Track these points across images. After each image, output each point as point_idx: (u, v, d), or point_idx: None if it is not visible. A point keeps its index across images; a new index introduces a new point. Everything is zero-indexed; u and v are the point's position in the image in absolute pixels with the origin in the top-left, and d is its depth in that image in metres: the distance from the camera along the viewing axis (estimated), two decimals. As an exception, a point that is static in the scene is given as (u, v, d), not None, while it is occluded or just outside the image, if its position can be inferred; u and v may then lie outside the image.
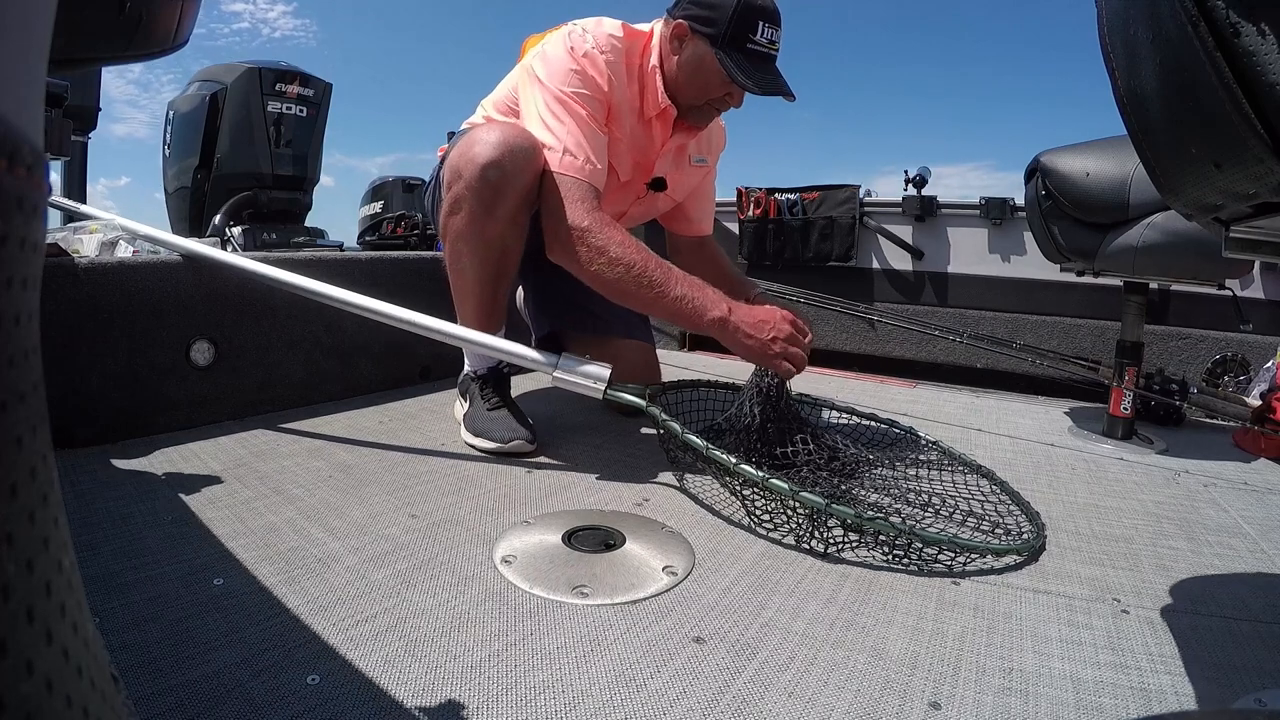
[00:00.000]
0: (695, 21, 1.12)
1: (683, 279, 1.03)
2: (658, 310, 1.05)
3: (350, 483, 0.95)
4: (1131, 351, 1.44)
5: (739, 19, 1.09)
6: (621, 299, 1.05)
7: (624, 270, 1.01)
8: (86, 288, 1.01)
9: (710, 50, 1.10)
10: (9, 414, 0.15)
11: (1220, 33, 0.34)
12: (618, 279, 1.02)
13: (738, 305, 1.04)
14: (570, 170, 1.05)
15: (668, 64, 1.17)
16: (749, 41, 1.10)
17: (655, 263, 1.03)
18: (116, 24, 0.77)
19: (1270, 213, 0.42)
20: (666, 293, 1.02)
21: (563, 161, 1.05)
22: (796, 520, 0.85)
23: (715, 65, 1.10)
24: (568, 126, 1.06)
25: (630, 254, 1.02)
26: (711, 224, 1.48)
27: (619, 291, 1.03)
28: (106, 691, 0.19)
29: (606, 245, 1.02)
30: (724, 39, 1.10)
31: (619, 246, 1.02)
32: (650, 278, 1.02)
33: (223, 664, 0.55)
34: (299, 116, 3.09)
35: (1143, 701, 0.58)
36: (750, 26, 1.09)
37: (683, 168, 1.33)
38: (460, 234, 1.09)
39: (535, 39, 1.26)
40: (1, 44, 0.15)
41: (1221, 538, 0.94)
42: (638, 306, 1.06)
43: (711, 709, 0.54)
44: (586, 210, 1.04)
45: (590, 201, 1.05)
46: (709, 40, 1.11)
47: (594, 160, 1.07)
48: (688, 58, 1.14)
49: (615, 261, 1.01)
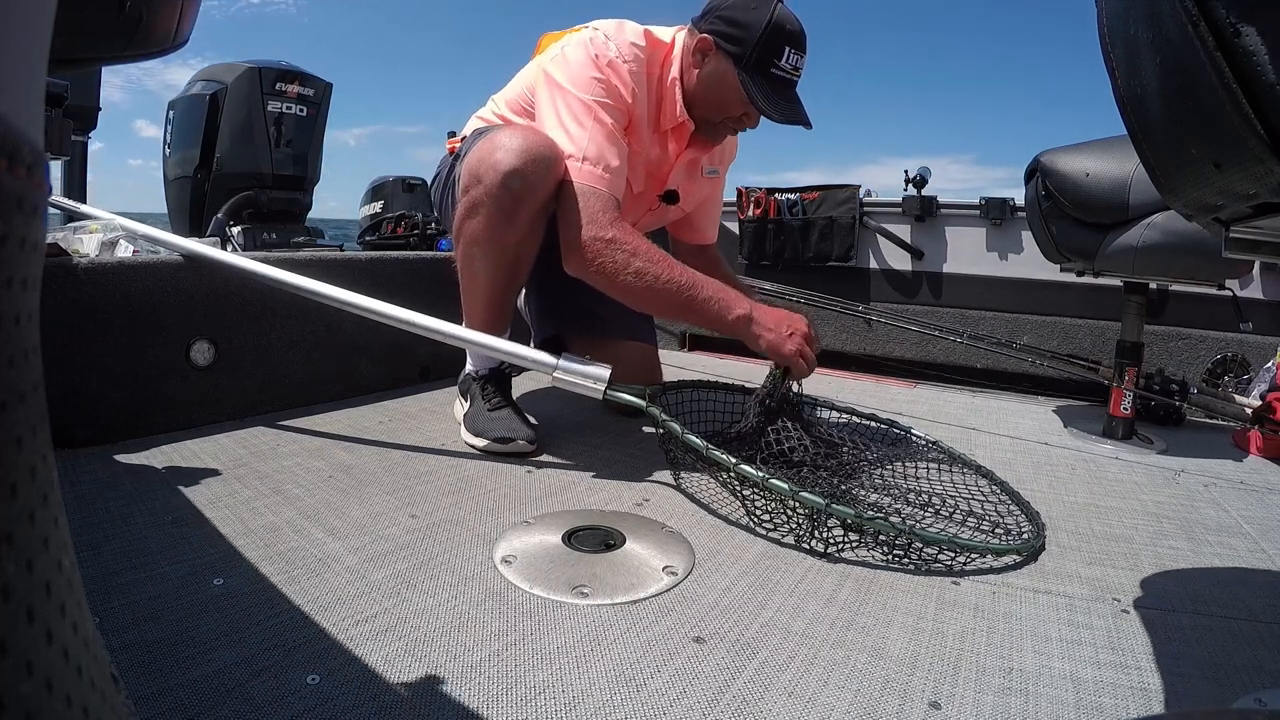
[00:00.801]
0: (722, 39, 1.10)
1: (705, 281, 1.04)
2: (686, 314, 1.05)
3: (350, 483, 0.95)
4: (1131, 351, 1.44)
5: (766, 42, 1.07)
6: (647, 307, 1.06)
7: (653, 279, 1.01)
8: (86, 288, 1.01)
9: (733, 69, 1.09)
10: (9, 414, 0.15)
11: (1220, 33, 0.34)
12: (647, 288, 1.01)
13: (756, 304, 1.06)
14: (591, 180, 1.03)
15: (688, 77, 1.15)
16: (773, 66, 1.09)
17: (679, 268, 1.03)
18: (116, 24, 0.76)
19: (1270, 213, 0.42)
20: (695, 296, 1.03)
21: (583, 170, 1.03)
22: (796, 520, 0.85)
23: (736, 85, 1.09)
24: (590, 134, 1.05)
25: (657, 263, 1.02)
26: (716, 232, 1.48)
27: (648, 301, 1.04)
28: (106, 691, 0.19)
29: (633, 256, 1.01)
30: (749, 60, 1.08)
31: (644, 257, 1.01)
32: (678, 283, 1.02)
33: (223, 664, 0.55)
34: (299, 116, 3.09)
35: (1143, 701, 0.58)
36: (776, 51, 1.08)
37: (695, 179, 1.32)
38: (476, 239, 1.08)
39: (552, 37, 1.24)
40: (1, 44, 0.15)
41: (1221, 538, 0.94)
42: (664, 313, 1.07)
43: (711, 709, 0.54)
44: (609, 221, 1.02)
45: (612, 212, 1.04)
46: (733, 59, 1.09)
47: (614, 169, 1.05)
48: (709, 73, 1.12)
49: (643, 272, 1.01)
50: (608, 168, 1.05)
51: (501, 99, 1.27)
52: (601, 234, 1.01)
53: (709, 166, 1.34)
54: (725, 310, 1.04)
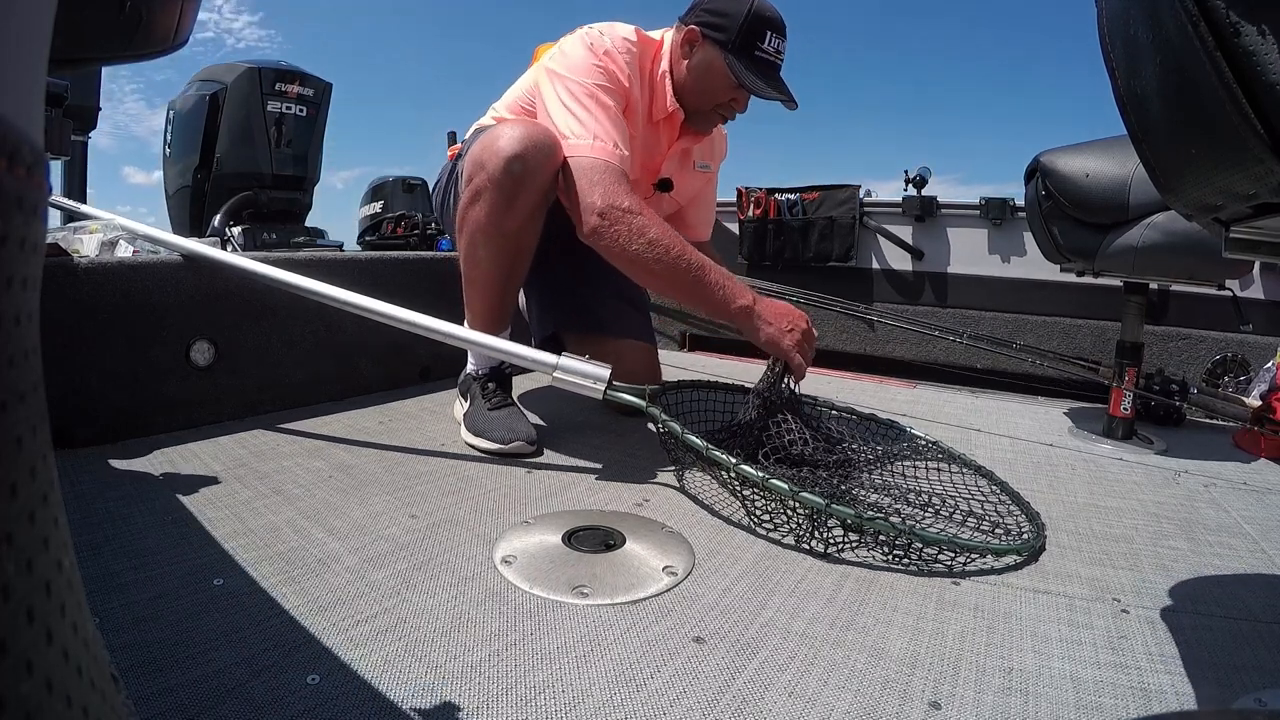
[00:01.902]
0: (707, 27, 1.16)
1: (714, 267, 1.05)
2: (692, 294, 1.05)
3: (350, 483, 0.95)
4: (1131, 352, 1.44)
5: (749, 27, 1.13)
6: (654, 281, 1.06)
7: (663, 251, 1.01)
8: (86, 288, 1.01)
9: (720, 55, 1.15)
10: (9, 414, 0.15)
11: (1220, 33, 0.34)
12: (657, 260, 1.01)
13: (759, 296, 1.07)
14: (605, 155, 1.05)
15: (677, 69, 1.20)
16: (757, 49, 1.14)
17: (690, 249, 1.04)
18: (116, 24, 0.77)
19: (1270, 213, 0.42)
20: (703, 278, 1.03)
21: (594, 146, 1.05)
22: (796, 520, 0.85)
23: (724, 69, 1.14)
24: (595, 115, 1.08)
25: (669, 237, 1.02)
26: (710, 230, 1.51)
27: (657, 275, 1.03)
28: (106, 691, 0.19)
29: (647, 227, 1.02)
30: (734, 45, 1.14)
31: (658, 229, 1.02)
32: (689, 261, 1.03)
33: (223, 664, 0.55)
34: (299, 116, 3.09)
35: (1143, 701, 0.58)
36: (759, 35, 1.14)
37: (687, 171, 1.35)
38: (479, 225, 1.09)
39: (547, 47, 1.28)
40: (1, 44, 0.15)
41: (1221, 538, 0.94)
42: (670, 290, 1.07)
43: (711, 709, 0.54)
44: (625, 192, 1.03)
45: (628, 185, 1.05)
46: (719, 45, 1.15)
47: (622, 147, 1.08)
48: (697, 62, 1.18)
49: (655, 243, 1.01)
50: (617, 144, 1.07)
51: (502, 105, 1.29)
52: (619, 202, 1.02)
53: (700, 161, 1.37)
54: (730, 297, 1.05)
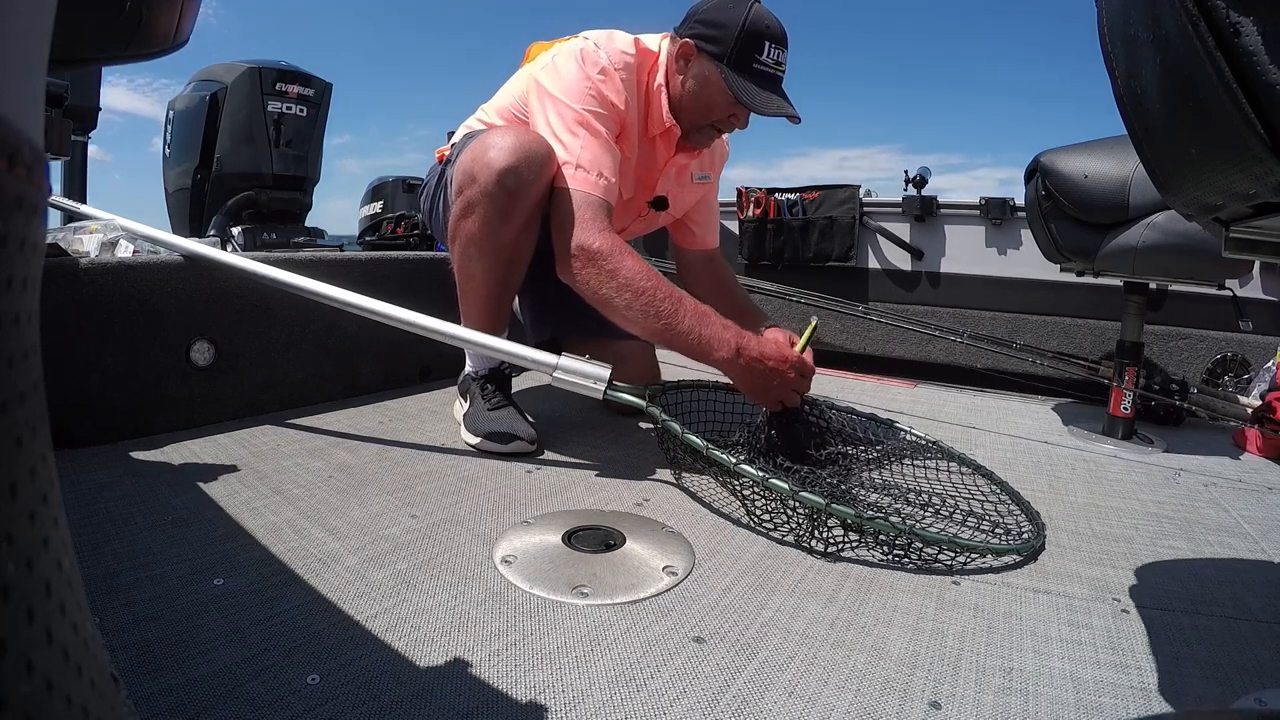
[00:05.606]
0: (701, 40, 1.10)
1: (692, 311, 1.01)
2: (663, 343, 1.04)
3: (350, 483, 0.95)
4: (1131, 351, 1.44)
5: (746, 39, 1.07)
6: (627, 326, 1.04)
7: (632, 297, 0.99)
8: (86, 288, 1.01)
9: (716, 69, 1.09)
10: (9, 414, 0.15)
11: (1220, 33, 0.34)
12: (625, 306, 1.00)
13: (747, 343, 1.02)
14: (584, 185, 1.03)
15: (673, 83, 1.15)
16: (755, 62, 1.09)
17: (665, 293, 1.00)
18: (116, 24, 0.77)
19: (1270, 213, 0.42)
20: (674, 325, 1.00)
21: (576, 176, 1.03)
22: (796, 520, 0.85)
23: (721, 84, 1.09)
24: (583, 141, 1.05)
25: (640, 281, 1.00)
26: (717, 237, 1.45)
27: (625, 320, 1.02)
28: (106, 691, 0.19)
29: (617, 270, 1.00)
30: (730, 58, 1.08)
31: (629, 272, 1.00)
32: (659, 309, 1.00)
33: (223, 664, 0.55)
34: (299, 116, 3.09)
35: (1143, 701, 0.58)
36: (757, 47, 1.08)
37: (684, 185, 1.31)
38: (472, 239, 1.07)
39: (541, 46, 1.24)
40: (1, 44, 0.15)
41: (1221, 537, 0.94)
42: (644, 336, 1.05)
43: (711, 709, 0.54)
44: (598, 230, 1.01)
45: (602, 220, 1.03)
46: (715, 59, 1.09)
47: (607, 176, 1.05)
48: (693, 77, 1.13)
49: (624, 288, 0.99)
50: (600, 174, 1.04)
51: (491, 107, 1.26)
52: (589, 243, 1.00)
53: (699, 172, 1.33)
54: (707, 347, 1.01)
